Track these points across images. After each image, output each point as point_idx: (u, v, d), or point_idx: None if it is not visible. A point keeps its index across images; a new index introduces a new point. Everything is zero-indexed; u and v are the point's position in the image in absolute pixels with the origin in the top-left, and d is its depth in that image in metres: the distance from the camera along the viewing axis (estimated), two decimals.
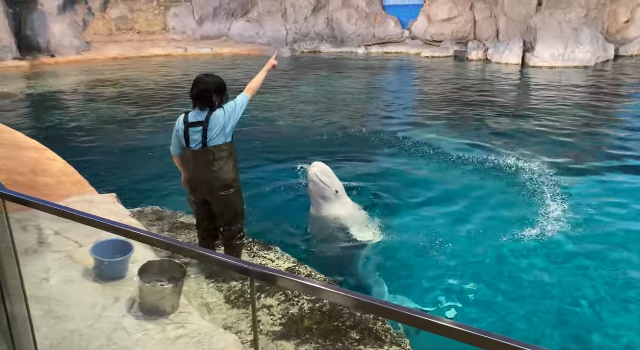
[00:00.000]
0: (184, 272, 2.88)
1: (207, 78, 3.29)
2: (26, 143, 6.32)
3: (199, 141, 3.23)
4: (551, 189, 5.68)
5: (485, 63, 18.46)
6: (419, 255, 4.31)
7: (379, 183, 6.00)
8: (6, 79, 14.46)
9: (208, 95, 3.22)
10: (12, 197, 1.40)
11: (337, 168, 6.57)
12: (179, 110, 10.37)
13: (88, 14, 21.78)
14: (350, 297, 1.06)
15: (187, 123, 3.26)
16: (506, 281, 3.95)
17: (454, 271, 4.07)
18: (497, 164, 6.58)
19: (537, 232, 4.61)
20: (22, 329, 1.72)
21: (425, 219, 5.01)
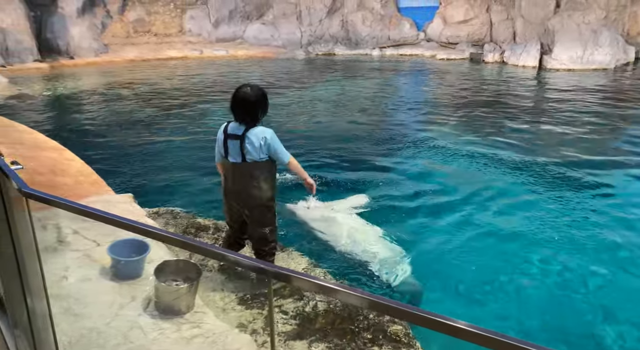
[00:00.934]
0: (199, 272, 2.91)
1: (248, 90, 3.15)
2: (46, 143, 6.45)
3: (237, 155, 3.19)
4: (570, 194, 5.60)
5: (501, 65, 18.28)
6: (430, 257, 4.28)
7: (391, 185, 5.97)
8: (27, 81, 14.77)
9: (248, 110, 3.14)
10: (34, 196, 1.43)
11: (349, 169, 6.59)
12: (195, 113, 10.50)
13: (106, 16, 22.14)
14: (366, 298, 1.06)
15: (225, 133, 3.22)
16: (523, 285, 3.90)
17: (468, 273, 4.03)
18: (514, 168, 6.51)
19: (551, 236, 4.55)
20: (42, 325, 1.75)
21: (438, 222, 4.97)
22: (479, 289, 3.84)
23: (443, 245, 4.50)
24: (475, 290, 3.83)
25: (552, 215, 5.04)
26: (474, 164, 6.80)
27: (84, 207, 1.34)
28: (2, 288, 2.13)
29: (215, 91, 13.21)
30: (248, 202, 3.28)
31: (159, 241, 3.47)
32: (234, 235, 3.56)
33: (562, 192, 5.68)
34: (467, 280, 3.96)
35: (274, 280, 1.19)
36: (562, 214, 5.08)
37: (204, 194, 5.69)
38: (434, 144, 7.82)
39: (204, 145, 7.80)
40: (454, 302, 3.71)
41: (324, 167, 6.68)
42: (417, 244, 4.50)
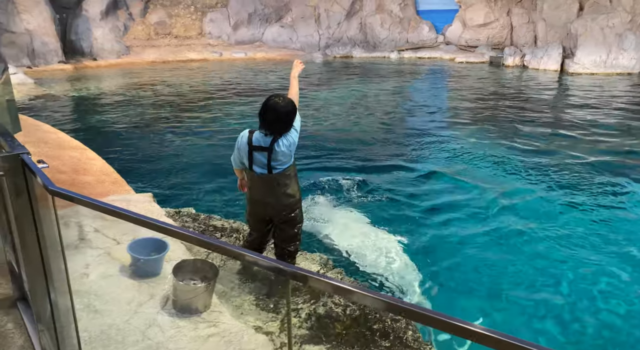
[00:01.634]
0: (216, 272, 2.94)
1: (280, 101, 3.05)
2: (69, 143, 6.59)
3: (263, 166, 3.15)
4: (591, 201, 5.49)
5: (521, 69, 18.05)
6: (444, 261, 4.24)
7: (408, 188, 5.94)
8: (51, 81, 15.12)
9: (283, 121, 3.06)
10: (60, 194, 1.47)
11: (365, 172, 6.58)
12: (214, 114, 10.60)
13: (129, 19, 22.55)
14: (382, 300, 1.06)
15: (250, 145, 3.14)
16: (540, 291, 3.84)
17: (484, 277, 3.98)
18: (535, 174, 6.41)
19: (573, 243, 4.47)
20: (65, 320, 1.79)
21: (453, 226, 4.93)
22: (501, 296, 3.79)
23: (460, 250, 4.45)
24: (497, 297, 3.78)
25: (573, 223, 4.94)
26: (494, 169, 6.72)
27: (108, 206, 1.37)
28: (28, 284, 2.19)
29: (234, 93, 13.33)
30: (278, 209, 3.29)
31: (179, 240, 3.52)
32: (257, 240, 3.56)
33: (583, 199, 5.57)
34: (486, 285, 3.91)
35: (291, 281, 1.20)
36: (582, 222, 4.99)
37: (222, 194, 5.74)
38: (452, 148, 7.76)
39: (222, 146, 7.88)
40: (470, 305, 3.67)
41: (339, 169, 6.68)
42: (433, 249, 4.47)
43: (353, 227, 4.73)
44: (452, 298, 3.77)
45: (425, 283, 3.90)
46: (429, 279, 3.96)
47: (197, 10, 24.39)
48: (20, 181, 1.78)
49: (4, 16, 16.82)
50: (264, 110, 3.08)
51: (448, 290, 3.85)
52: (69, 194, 1.50)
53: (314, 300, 3.28)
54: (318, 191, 5.75)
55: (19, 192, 1.78)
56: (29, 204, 1.79)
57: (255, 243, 3.57)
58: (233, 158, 3.39)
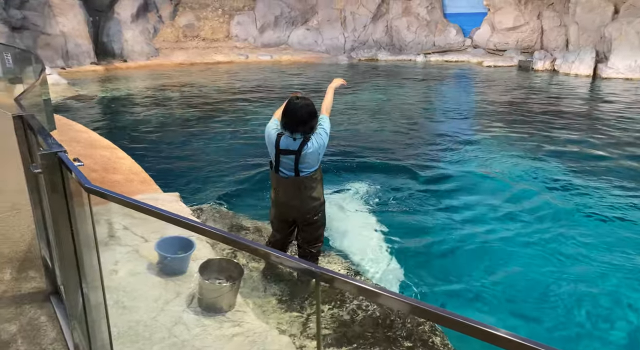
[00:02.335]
0: (241, 272, 2.96)
1: (300, 102, 3.07)
2: (99, 142, 6.77)
3: (290, 170, 3.17)
4: (620, 213, 5.31)
5: (551, 73, 17.66)
6: (466, 268, 4.17)
7: (431, 194, 5.86)
8: (84, 82, 15.57)
9: (299, 124, 3.07)
10: (95, 191, 1.50)
11: (388, 175, 6.53)
12: (240, 115, 10.72)
13: (158, 21, 23.06)
14: (408, 303, 1.05)
15: (278, 148, 3.15)
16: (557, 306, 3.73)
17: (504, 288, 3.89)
18: (563, 183, 6.23)
19: (594, 253, 4.33)
20: (96, 316, 1.83)
21: (474, 234, 4.83)
22: (526, 305, 3.71)
23: (480, 258, 4.37)
24: (522, 305, 3.70)
25: (599, 235, 4.79)
26: (520, 177, 6.57)
27: (141, 204, 1.39)
28: (61, 278, 2.25)
29: (259, 95, 13.45)
30: (303, 211, 3.31)
31: (204, 239, 3.56)
32: (281, 240, 3.59)
33: (612, 212, 5.38)
34: (511, 292, 3.83)
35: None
36: (612, 233, 4.83)
37: (246, 194, 5.80)
38: (478, 154, 7.63)
39: (247, 147, 7.96)
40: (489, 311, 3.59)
41: (362, 171, 6.65)
42: (449, 254, 4.40)
43: (371, 231, 4.70)
44: (480, 307, 3.70)
45: (440, 288, 3.84)
46: (444, 284, 3.90)
47: (224, 13, 24.75)
48: (57, 178, 1.83)
49: (41, 19, 17.42)
50: (285, 111, 3.12)
51: (474, 300, 3.79)
52: (103, 192, 1.53)
53: (338, 302, 3.27)
54: (340, 193, 5.74)
55: (56, 189, 1.83)
56: (64, 201, 1.84)
57: (278, 244, 3.59)
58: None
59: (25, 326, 2.27)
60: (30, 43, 16.68)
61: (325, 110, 3.41)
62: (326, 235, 4.43)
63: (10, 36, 15.26)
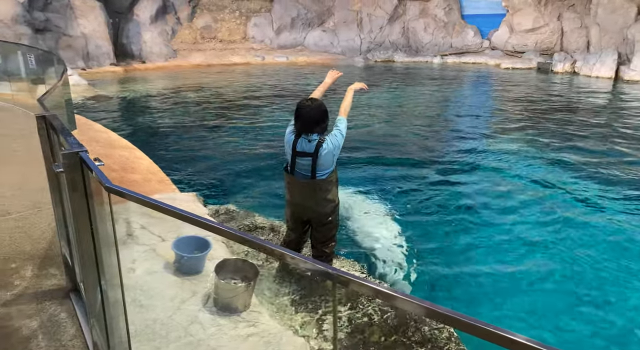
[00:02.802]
0: (256, 272, 2.97)
1: (309, 104, 3.13)
2: (118, 142, 6.87)
3: (307, 172, 3.20)
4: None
5: (572, 76, 17.37)
6: (483, 274, 4.12)
7: (446, 197, 5.81)
8: (103, 83, 15.83)
9: (313, 125, 3.12)
10: (116, 191, 1.52)
11: (405, 175, 6.50)
12: (255, 116, 10.78)
13: (176, 23, 23.34)
14: (425, 306, 1.04)
15: (294, 151, 3.19)
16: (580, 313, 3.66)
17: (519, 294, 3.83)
18: (583, 190, 6.11)
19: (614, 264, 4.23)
20: (115, 312, 1.86)
21: (490, 235, 4.77)
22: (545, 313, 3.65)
23: (497, 261, 4.31)
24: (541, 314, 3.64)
25: (616, 244, 4.68)
26: (539, 180, 6.47)
27: (161, 204, 1.41)
28: (80, 276, 2.29)
29: (275, 96, 13.51)
30: (318, 212, 3.33)
31: (220, 240, 3.59)
32: (295, 240, 3.60)
33: (632, 219, 5.24)
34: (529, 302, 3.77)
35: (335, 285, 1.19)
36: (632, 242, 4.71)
37: (261, 194, 5.82)
38: (496, 157, 7.54)
39: (262, 147, 8.00)
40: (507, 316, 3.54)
41: (376, 173, 6.63)
42: (468, 257, 4.35)
43: (385, 230, 4.68)
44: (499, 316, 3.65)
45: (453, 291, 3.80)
46: (460, 286, 3.85)
47: (241, 15, 24.93)
48: (78, 177, 1.86)
49: (63, 21, 17.78)
50: (297, 115, 3.16)
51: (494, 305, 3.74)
52: (123, 191, 1.55)
53: (353, 304, 3.26)
54: (354, 193, 5.73)
55: (76, 187, 1.87)
56: (85, 200, 1.87)
57: (293, 243, 3.61)
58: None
59: (45, 322, 2.31)
60: (53, 44, 17.03)
61: (343, 111, 3.42)
62: (339, 236, 4.44)
63: (33, 38, 15.61)
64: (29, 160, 5.12)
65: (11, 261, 2.93)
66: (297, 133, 3.20)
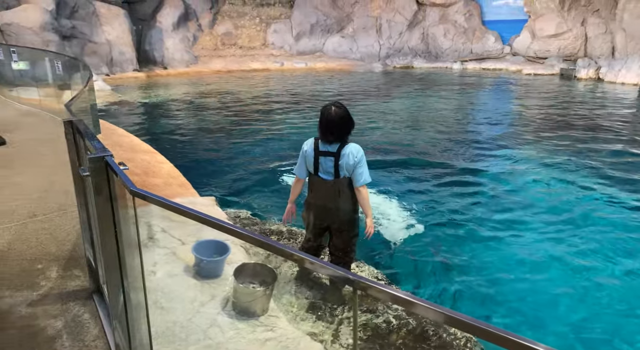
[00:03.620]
0: (275, 277, 2.99)
1: (337, 110, 3.15)
2: (140, 146, 7.00)
3: (330, 171, 3.23)
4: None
5: (596, 82, 17.04)
6: (503, 278, 4.05)
7: (464, 205, 5.74)
8: (126, 88, 16.18)
9: (341, 129, 3.14)
10: (141, 194, 1.56)
11: (423, 181, 6.45)
12: (275, 122, 10.86)
13: (198, 29, 23.73)
14: (450, 316, 1.03)
15: (317, 150, 3.24)
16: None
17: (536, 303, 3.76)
18: (607, 200, 5.96)
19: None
20: (137, 314, 1.89)
21: (510, 243, 4.69)
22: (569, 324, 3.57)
23: (515, 269, 4.24)
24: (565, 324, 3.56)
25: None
26: (562, 188, 6.35)
27: (184, 208, 1.44)
28: (103, 278, 2.34)
29: (294, 102, 13.59)
30: (339, 216, 3.33)
31: (239, 244, 3.62)
32: (314, 247, 3.61)
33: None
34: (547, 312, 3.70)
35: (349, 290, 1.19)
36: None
37: (279, 199, 5.85)
38: (517, 163, 7.43)
39: (282, 152, 8.05)
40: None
41: (396, 177, 6.60)
42: (486, 266, 4.28)
43: (403, 238, 4.65)
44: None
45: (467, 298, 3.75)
46: (481, 295, 3.80)
47: (262, 21, 25.22)
48: (103, 181, 1.91)
49: (88, 28, 18.26)
50: (321, 120, 3.18)
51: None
52: (147, 195, 1.59)
53: (372, 310, 3.25)
54: (373, 198, 5.71)
55: (102, 191, 1.91)
56: (109, 203, 1.91)
57: (311, 250, 3.61)
58: (297, 167, 3.44)
59: (69, 323, 2.36)
60: (78, 51, 17.50)
61: (365, 198, 3.33)
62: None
63: (60, 44, 16.06)
64: (55, 164, 5.26)
65: (37, 262, 3.01)
66: (320, 137, 3.23)
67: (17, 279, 2.79)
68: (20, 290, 2.66)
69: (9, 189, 4.39)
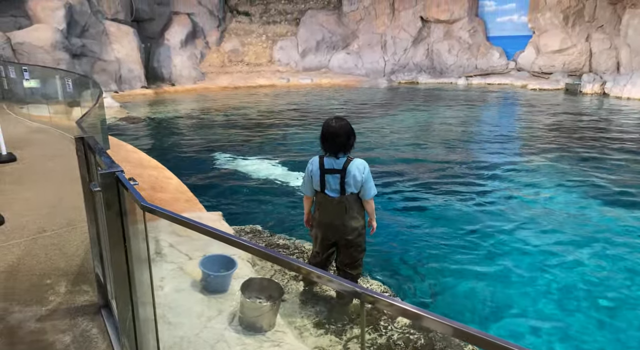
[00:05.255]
0: (281, 292, 2.99)
1: (335, 123, 3.17)
2: (148, 162, 7.07)
3: (336, 189, 3.25)
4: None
5: (601, 97, 17.04)
6: (513, 296, 4.02)
7: (469, 220, 5.72)
8: (134, 105, 16.39)
9: (343, 143, 3.16)
10: (151, 209, 1.58)
11: (428, 200, 6.45)
12: (279, 137, 10.93)
13: (205, 47, 24.09)
14: (454, 327, 1.04)
15: (322, 168, 3.26)
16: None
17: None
18: (612, 217, 5.93)
19: None
20: (145, 329, 1.90)
21: (517, 260, 4.67)
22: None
23: (524, 288, 4.20)
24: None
25: None
26: (566, 208, 6.31)
27: (195, 223, 1.46)
28: (112, 293, 2.35)
29: (299, 117, 13.69)
30: (346, 232, 3.34)
31: (245, 259, 3.63)
32: (322, 262, 3.60)
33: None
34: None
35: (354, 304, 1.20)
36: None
37: (286, 214, 5.86)
38: (522, 180, 7.41)
39: (287, 167, 8.09)
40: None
41: (399, 194, 6.60)
42: (492, 284, 4.26)
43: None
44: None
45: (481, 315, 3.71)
46: (489, 312, 3.76)
47: (268, 38, 25.57)
48: (114, 197, 1.94)
49: (98, 46, 18.60)
50: (322, 133, 3.22)
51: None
52: (158, 210, 1.61)
53: (375, 326, 3.23)
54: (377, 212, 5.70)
55: (112, 206, 1.94)
56: (120, 218, 1.94)
57: (319, 264, 3.61)
58: (303, 185, 3.47)
59: (78, 337, 2.37)
60: (88, 68, 17.80)
61: (371, 206, 3.40)
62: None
63: (70, 63, 16.36)
64: (64, 180, 5.33)
65: (47, 277, 3.03)
66: (324, 153, 3.25)
67: (27, 294, 2.82)
68: (30, 305, 2.68)
69: (19, 205, 4.44)
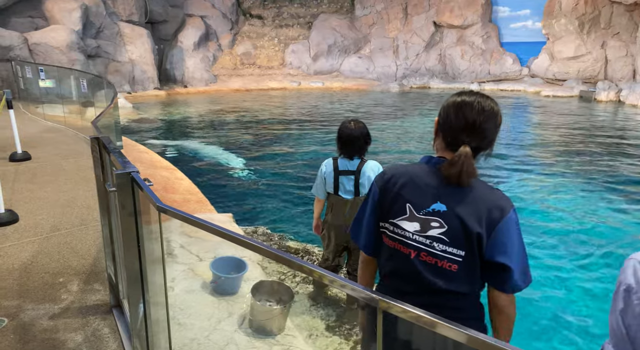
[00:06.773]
0: (291, 295, 2.97)
1: (353, 125, 3.18)
2: (160, 163, 7.11)
3: (350, 190, 3.25)
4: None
5: (616, 105, 16.83)
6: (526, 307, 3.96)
7: None
8: (147, 106, 16.53)
9: (360, 145, 3.17)
10: (166, 210, 1.58)
11: None
12: (290, 140, 10.94)
13: (218, 49, 24.25)
14: (478, 339, 1.02)
15: (336, 170, 3.26)
16: None
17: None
18: (626, 222, 5.86)
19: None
20: (156, 329, 1.90)
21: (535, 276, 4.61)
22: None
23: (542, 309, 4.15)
24: None
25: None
26: (579, 217, 6.23)
27: (210, 224, 1.46)
28: (124, 293, 2.36)
29: (310, 120, 13.70)
30: None
31: (256, 261, 3.62)
32: (333, 266, 3.59)
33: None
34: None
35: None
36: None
37: (295, 217, 5.86)
38: (534, 188, 7.33)
39: (297, 169, 8.09)
40: None
41: None
42: None
43: None
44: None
45: None
46: None
47: (280, 42, 25.67)
48: (129, 197, 1.95)
49: (112, 47, 18.81)
50: (339, 134, 3.21)
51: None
52: (173, 211, 1.61)
53: None
54: None
55: (127, 207, 1.95)
56: (134, 218, 1.95)
57: (330, 269, 3.59)
58: (315, 187, 3.45)
59: (89, 337, 2.38)
60: (102, 69, 18.01)
61: None
62: None
63: (85, 63, 16.56)
64: (77, 179, 5.38)
65: (59, 275, 3.05)
66: (338, 154, 3.26)
67: (40, 292, 2.84)
68: (43, 303, 2.70)
69: (33, 203, 4.49)
